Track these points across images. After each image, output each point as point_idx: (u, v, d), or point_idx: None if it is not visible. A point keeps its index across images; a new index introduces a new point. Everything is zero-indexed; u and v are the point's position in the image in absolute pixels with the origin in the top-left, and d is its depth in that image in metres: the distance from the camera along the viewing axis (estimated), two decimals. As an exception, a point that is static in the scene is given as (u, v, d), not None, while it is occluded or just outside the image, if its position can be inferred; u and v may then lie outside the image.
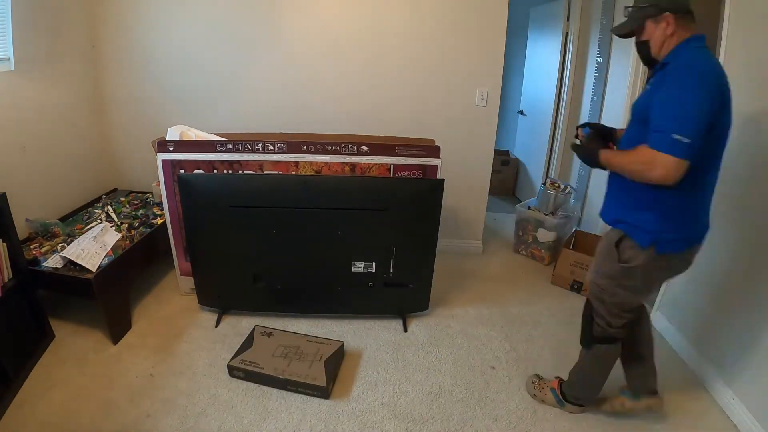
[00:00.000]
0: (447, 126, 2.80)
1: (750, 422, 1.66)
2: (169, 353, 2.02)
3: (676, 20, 1.32)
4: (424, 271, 2.20)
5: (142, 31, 2.70)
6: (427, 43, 2.67)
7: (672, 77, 1.28)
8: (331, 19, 2.65)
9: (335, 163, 2.13)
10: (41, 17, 2.31)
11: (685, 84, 1.24)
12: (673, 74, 1.28)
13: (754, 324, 1.71)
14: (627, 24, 1.42)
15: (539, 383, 1.88)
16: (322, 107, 2.80)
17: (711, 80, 1.24)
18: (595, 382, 1.71)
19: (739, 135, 1.87)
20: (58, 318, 2.15)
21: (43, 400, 1.73)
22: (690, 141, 1.19)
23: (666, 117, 1.24)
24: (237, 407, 1.75)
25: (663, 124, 1.23)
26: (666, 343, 2.23)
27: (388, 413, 1.76)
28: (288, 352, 1.94)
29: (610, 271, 1.51)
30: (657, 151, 1.23)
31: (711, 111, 1.22)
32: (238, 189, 2.03)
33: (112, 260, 2.03)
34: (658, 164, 1.23)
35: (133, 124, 2.85)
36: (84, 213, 2.52)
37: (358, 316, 2.32)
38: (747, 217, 1.80)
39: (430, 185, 2.06)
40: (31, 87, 2.27)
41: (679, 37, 1.33)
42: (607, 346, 1.60)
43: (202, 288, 2.25)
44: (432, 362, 2.05)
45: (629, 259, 1.45)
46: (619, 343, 1.61)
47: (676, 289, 2.24)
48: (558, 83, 3.56)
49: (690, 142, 1.19)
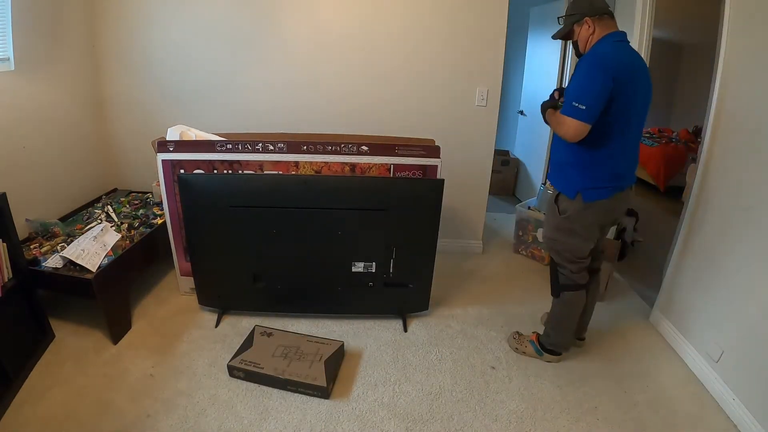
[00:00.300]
0: (447, 126, 2.80)
1: (750, 422, 1.66)
2: (169, 353, 2.02)
3: (594, 22, 1.67)
4: (424, 271, 2.20)
5: (143, 31, 2.70)
6: (427, 43, 2.67)
7: (581, 62, 1.67)
8: (331, 18, 2.65)
9: (335, 163, 2.13)
10: (41, 17, 2.31)
11: (588, 66, 1.62)
12: (582, 61, 1.68)
13: (754, 323, 1.71)
14: (561, 30, 1.78)
15: (519, 338, 2.15)
16: (322, 107, 2.80)
17: (610, 64, 1.57)
18: (567, 327, 1.98)
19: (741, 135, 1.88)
20: (58, 318, 2.15)
21: (43, 400, 1.72)
22: (586, 108, 1.55)
23: (571, 90, 1.63)
24: (237, 407, 1.75)
25: (569, 95, 1.62)
26: (666, 342, 2.23)
27: (388, 413, 1.76)
28: (288, 352, 1.94)
29: (554, 223, 1.86)
30: (564, 115, 1.61)
31: (606, 87, 1.55)
32: (238, 189, 2.03)
33: (112, 260, 2.03)
34: (565, 124, 1.61)
35: (133, 124, 2.86)
36: (84, 213, 2.52)
37: (358, 316, 2.32)
38: (748, 216, 1.80)
39: (430, 185, 2.06)
40: (31, 87, 2.28)
41: (599, 35, 1.67)
42: (573, 293, 1.91)
43: (202, 288, 2.25)
44: (432, 362, 2.05)
45: (565, 209, 1.80)
46: (583, 290, 1.91)
47: (676, 288, 2.24)
48: (558, 83, 3.56)
49: (586, 108, 1.56)
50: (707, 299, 2.00)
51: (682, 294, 2.20)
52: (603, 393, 1.89)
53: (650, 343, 2.24)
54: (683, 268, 2.20)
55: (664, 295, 2.33)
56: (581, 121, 1.57)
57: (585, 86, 1.60)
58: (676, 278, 2.24)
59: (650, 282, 2.69)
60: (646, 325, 2.39)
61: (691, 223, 2.16)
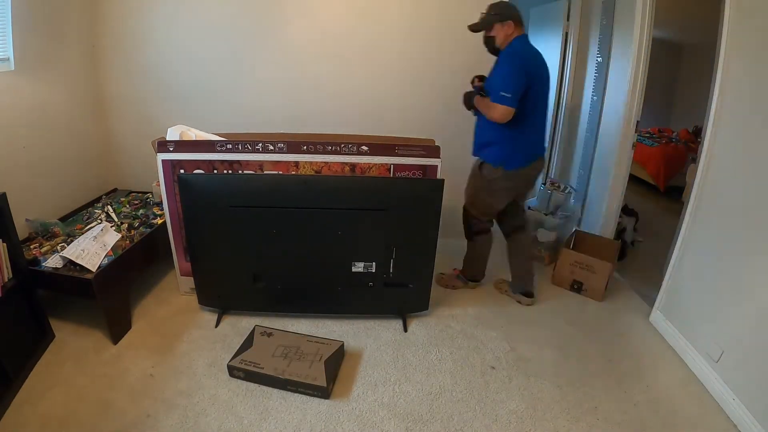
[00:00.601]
0: (447, 126, 2.80)
1: (750, 422, 1.66)
2: (169, 353, 2.02)
3: (513, 24, 2.07)
4: (424, 271, 2.20)
5: (143, 31, 2.70)
6: (427, 42, 2.67)
7: (502, 58, 2.10)
8: (332, 18, 2.65)
9: (335, 163, 2.13)
10: (41, 17, 2.31)
11: (510, 62, 2.05)
12: (503, 57, 2.10)
13: (754, 323, 1.71)
14: (481, 24, 2.12)
15: (446, 277, 2.64)
16: (322, 107, 2.80)
17: (524, 60, 2.04)
18: (480, 262, 2.54)
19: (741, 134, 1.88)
20: (58, 318, 2.15)
21: (43, 400, 1.73)
22: (511, 95, 1.97)
23: (497, 81, 2.04)
24: (237, 407, 1.75)
25: (495, 86, 2.02)
26: (664, 341, 2.23)
27: (388, 413, 1.76)
28: (288, 352, 1.94)
29: (477, 185, 2.33)
30: (494, 102, 2.01)
31: (522, 79, 1.98)
32: (238, 189, 2.03)
33: (112, 260, 2.03)
34: (496, 110, 2.01)
35: (133, 124, 2.85)
36: (84, 213, 2.52)
37: (358, 316, 2.32)
38: (748, 215, 1.80)
39: (430, 185, 2.06)
40: (31, 87, 2.28)
41: (514, 35, 2.08)
42: (482, 236, 2.44)
43: (202, 288, 2.25)
44: (432, 362, 2.05)
45: (489, 175, 2.23)
46: (490, 233, 2.45)
47: (676, 288, 2.24)
48: (558, 83, 3.57)
49: (511, 96, 1.97)
50: (707, 299, 2.00)
51: (682, 294, 2.20)
52: (603, 393, 1.89)
53: (650, 343, 2.24)
54: (683, 268, 2.20)
55: (664, 295, 2.33)
56: (508, 107, 1.97)
57: (508, 78, 2.00)
58: (676, 278, 2.24)
59: (650, 282, 2.69)
60: (646, 325, 2.39)
61: (691, 223, 2.16)
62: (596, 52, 3.22)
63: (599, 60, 3.18)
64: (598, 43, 3.19)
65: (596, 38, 3.23)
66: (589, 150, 3.31)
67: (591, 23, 3.33)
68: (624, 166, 2.81)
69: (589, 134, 3.26)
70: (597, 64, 3.21)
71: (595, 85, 3.24)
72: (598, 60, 3.19)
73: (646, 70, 2.60)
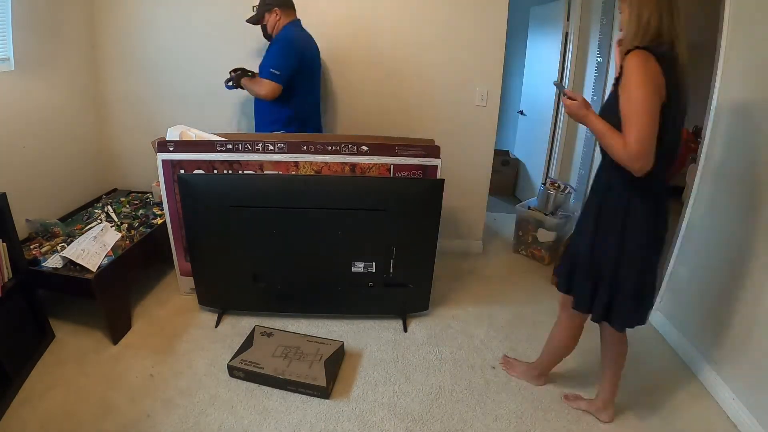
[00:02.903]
0: (447, 126, 2.80)
1: (750, 422, 1.66)
2: (169, 353, 2.02)
3: (281, 11, 2.26)
4: (424, 271, 2.20)
5: (143, 31, 2.69)
6: (427, 42, 2.67)
7: (273, 43, 2.30)
8: (330, 18, 2.65)
9: (335, 163, 2.13)
10: (41, 17, 2.31)
11: (282, 44, 2.25)
12: (274, 41, 2.30)
13: (754, 323, 1.71)
14: (254, 16, 2.31)
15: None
16: (322, 107, 2.80)
17: (293, 42, 2.25)
18: None
19: (741, 134, 1.88)
20: (58, 318, 2.15)
21: (43, 400, 1.73)
22: (280, 73, 2.18)
23: (269, 61, 2.24)
24: (237, 407, 1.75)
25: (267, 63, 2.23)
26: (665, 342, 2.23)
27: (388, 413, 1.76)
28: (288, 352, 1.94)
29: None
30: (263, 78, 2.22)
31: (291, 60, 2.21)
32: (238, 189, 2.03)
33: (112, 260, 2.03)
34: (261, 85, 2.22)
35: (133, 124, 2.85)
36: (84, 213, 2.52)
37: (358, 316, 2.32)
38: (748, 216, 1.80)
39: (430, 185, 2.06)
40: (31, 87, 2.28)
41: (283, 22, 2.28)
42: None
43: (202, 288, 2.25)
44: (432, 362, 2.05)
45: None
46: None
47: (676, 288, 2.24)
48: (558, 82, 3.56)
49: (279, 73, 2.17)
50: (707, 299, 2.00)
51: (682, 294, 2.20)
52: (603, 393, 1.89)
53: (650, 343, 2.24)
54: (683, 268, 2.20)
55: (664, 295, 2.33)
56: (276, 83, 2.18)
57: (280, 58, 2.21)
58: (676, 278, 2.24)
59: (650, 282, 2.68)
60: (646, 325, 2.38)
61: (691, 223, 2.16)
62: (596, 52, 3.23)
63: (599, 60, 3.18)
64: (598, 43, 3.19)
65: (596, 38, 3.23)
66: (589, 150, 3.31)
67: (591, 23, 3.33)
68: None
69: (589, 134, 3.27)
70: (597, 64, 3.21)
71: (595, 85, 3.24)
72: (598, 60, 3.19)
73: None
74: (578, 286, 1.53)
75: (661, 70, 1.23)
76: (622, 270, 1.42)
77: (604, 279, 1.45)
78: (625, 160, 1.27)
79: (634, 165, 1.26)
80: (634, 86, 1.24)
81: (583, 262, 1.50)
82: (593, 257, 1.47)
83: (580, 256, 1.52)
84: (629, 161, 1.26)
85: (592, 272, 1.48)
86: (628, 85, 1.26)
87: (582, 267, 1.51)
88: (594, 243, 1.46)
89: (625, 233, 1.40)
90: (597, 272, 1.47)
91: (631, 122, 1.25)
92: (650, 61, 1.23)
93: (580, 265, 1.51)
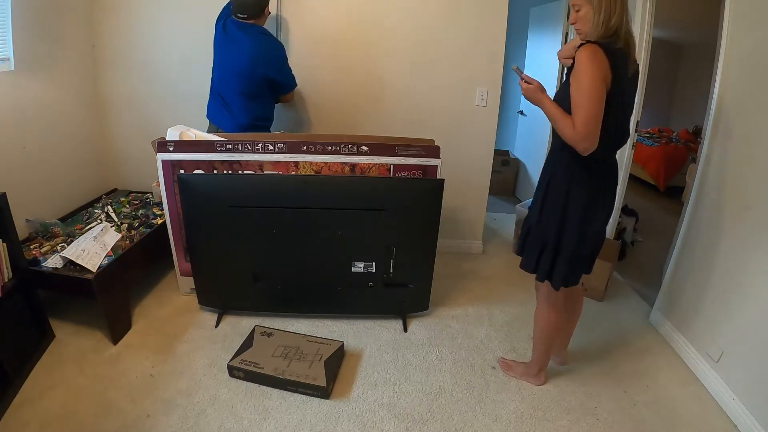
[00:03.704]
0: (447, 126, 2.80)
1: (750, 422, 1.66)
2: (169, 353, 2.02)
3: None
4: (424, 271, 2.20)
5: (142, 31, 2.69)
6: (427, 42, 2.67)
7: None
8: (331, 18, 2.65)
9: (335, 163, 2.13)
10: (41, 17, 2.31)
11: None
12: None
13: (754, 323, 1.71)
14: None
15: None
16: (322, 107, 2.80)
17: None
18: None
19: (740, 135, 1.88)
20: (58, 318, 2.15)
21: (43, 400, 1.72)
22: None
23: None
24: (237, 407, 1.75)
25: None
26: (665, 342, 2.23)
27: (388, 413, 1.76)
28: (288, 352, 1.94)
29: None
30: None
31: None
32: (238, 189, 2.03)
33: (112, 260, 2.03)
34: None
35: (133, 124, 2.85)
36: (84, 213, 2.52)
37: (358, 316, 2.32)
38: (748, 216, 1.80)
39: (430, 185, 2.06)
40: (31, 87, 2.27)
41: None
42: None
43: (202, 288, 2.25)
44: (432, 362, 2.05)
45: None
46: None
47: (676, 288, 2.24)
48: (558, 83, 3.56)
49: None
50: (707, 299, 2.00)
51: (682, 294, 2.20)
52: (603, 393, 1.89)
53: (650, 343, 2.24)
54: (683, 268, 2.20)
55: (664, 295, 2.34)
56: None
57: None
58: (676, 278, 2.24)
59: (650, 282, 2.69)
60: (646, 325, 2.39)
61: (691, 223, 2.16)
62: (596, 52, 3.22)
63: (599, 60, 3.17)
64: (598, 43, 3.18)
65: (596, 38, 3.23)
66: (589, 150, 3.30)
67: (591, 23, 3.32)
68: (624, 166, 2.80)
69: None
70: (597, 64, 3.20)
71: (595, 85, 3.23)
72: (598, 60, 3.18)
73: (646, 70, 2.60)
74: (528, 250, 1.71)
75: (610, 63, 1.37)
76: (563, 238, 1.59)
77: (548, 245, 1.62)
78: (573, 141, 1.42)
79: (579, 145, 1.41)
80: (584, 76, 1.37)
81: (533, 230, 1.68)
82: (540, 225, 1.64)
83: (531, 225, 1.70)
84: (576, 141, 1.41)
85: (539, 239, 1.65)
86: (578, 75, 1.39)
87: (532, 234, 1.69)
88: (541, 213, 1.63)
89: (567, 207, 1.56)
90: (543, 239, 1.64)
91: (578, 107, 1.39)
92: (599, 54, 1.36)
93: (531, 232, 1.69)
